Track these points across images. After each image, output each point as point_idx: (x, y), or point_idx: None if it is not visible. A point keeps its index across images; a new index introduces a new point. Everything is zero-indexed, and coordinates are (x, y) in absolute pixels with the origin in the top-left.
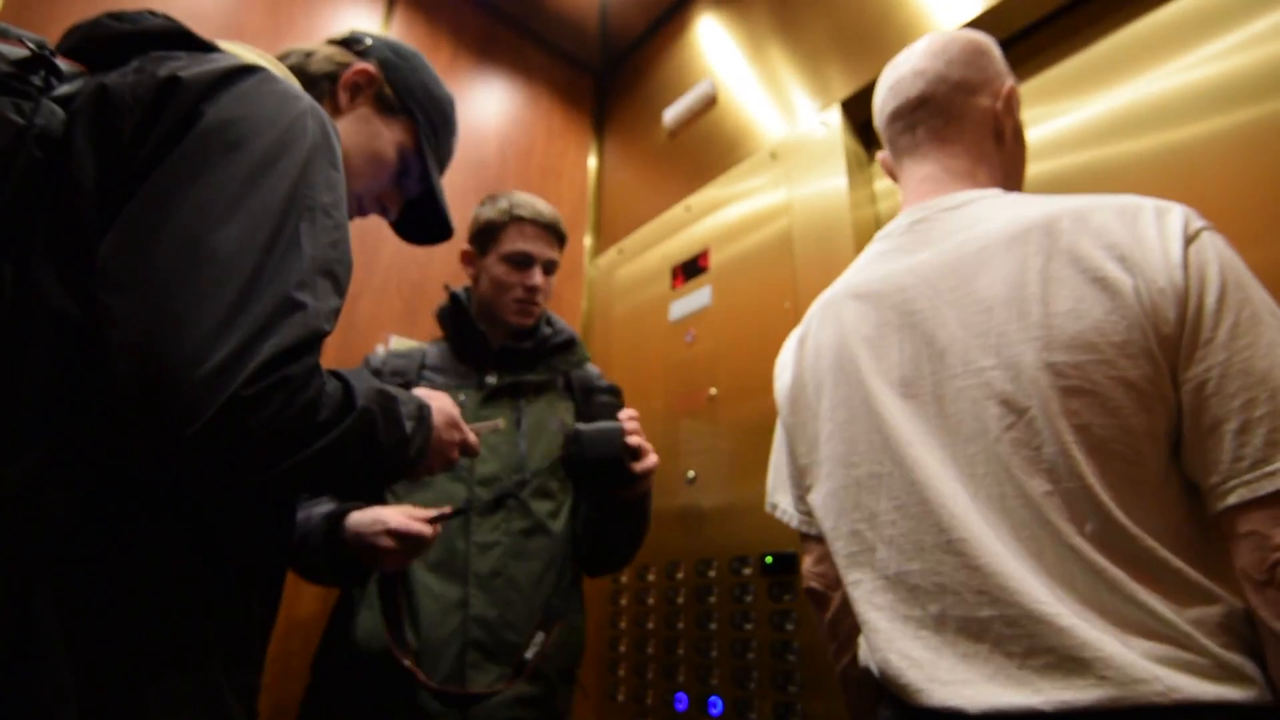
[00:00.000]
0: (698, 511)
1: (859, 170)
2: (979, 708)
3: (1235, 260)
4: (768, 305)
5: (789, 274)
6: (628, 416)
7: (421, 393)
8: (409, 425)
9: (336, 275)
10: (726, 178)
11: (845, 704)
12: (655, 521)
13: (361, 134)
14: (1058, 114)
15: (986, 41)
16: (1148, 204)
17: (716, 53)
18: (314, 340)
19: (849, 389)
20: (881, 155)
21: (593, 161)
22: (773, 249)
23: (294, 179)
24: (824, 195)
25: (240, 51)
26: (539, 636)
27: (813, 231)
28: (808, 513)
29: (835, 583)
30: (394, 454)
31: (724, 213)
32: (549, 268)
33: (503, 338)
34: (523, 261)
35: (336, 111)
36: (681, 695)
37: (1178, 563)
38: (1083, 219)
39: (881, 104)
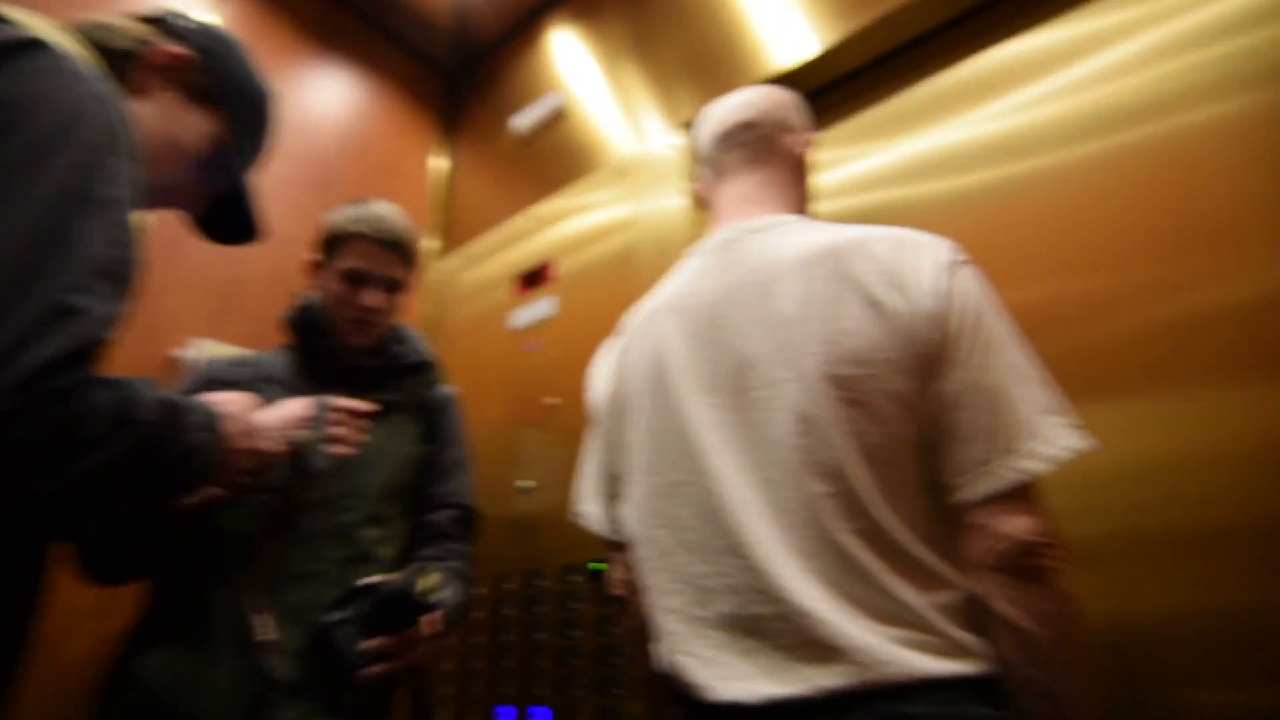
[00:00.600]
0: (530, 521)
1: None
2: (757, 699)
3: (986, 292)
4: (609, 317)
5: (630, 287)
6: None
7: (218, 398)
8: (197, 437)
9: (119, 277)
10: (573, 189)
11: (647, 707)
12: (485, 534)
13: (160, 121)
14: (867, 154)
15: (796, 99)
16: (919, 238)
17: (571, 64)
18: (87, 350)
19: (661, 399)
20: (695, 185)
21: (443, 162)
22: (615, 262)
23: (72, 169)
24: (666, 213)
25: (26, 21)
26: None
27: (654, 247)
28: (616, 521)
29: (637, 589)
30: (175, 469)
31: (569, 223)
32: (393, 286)
33: (351, 354)
34: (358, 279)
35: (136, 94)
36: (504, 709)
37: (924, 554)
38: (864, 247)
39: (708, 130)
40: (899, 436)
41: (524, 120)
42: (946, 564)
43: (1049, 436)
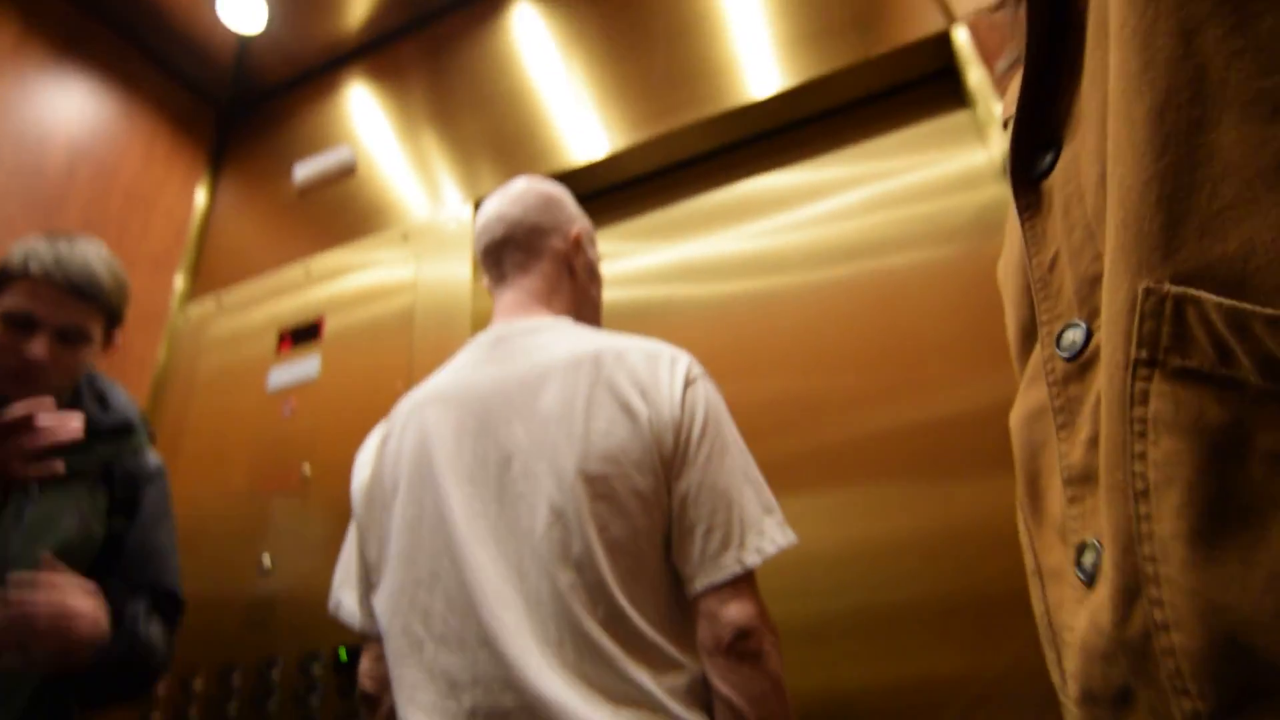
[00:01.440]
0: (268, 603)
1: None
2: None
3: (718, 402)
4: (380, 383)
5: (406, 353)
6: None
7: None
8: None
9: None
10: (355, 246)
11: None
12: (214, 618)
13: None
14: (641, 254)
15: (559, 192)
16: (666, 351)
17: (364, 121)
18: None
19: (422, 489)
20: (485, 282)
21: (202, 198)
22: (393, 324)
23: None
24: (450, 281)
25: None
26: None
27: (435, 312)
28: (371, 613)
29: (388, 684)
30: None
31: (346, 280)
32: (69, 336)
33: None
34: (23, 323)
35: None
36: None
37: (660, 640)
38: (620, 357)
39: (477, 240)
40: (641, 530)
41: (308, 170)
42: (680, 649)
43: (766, 533)
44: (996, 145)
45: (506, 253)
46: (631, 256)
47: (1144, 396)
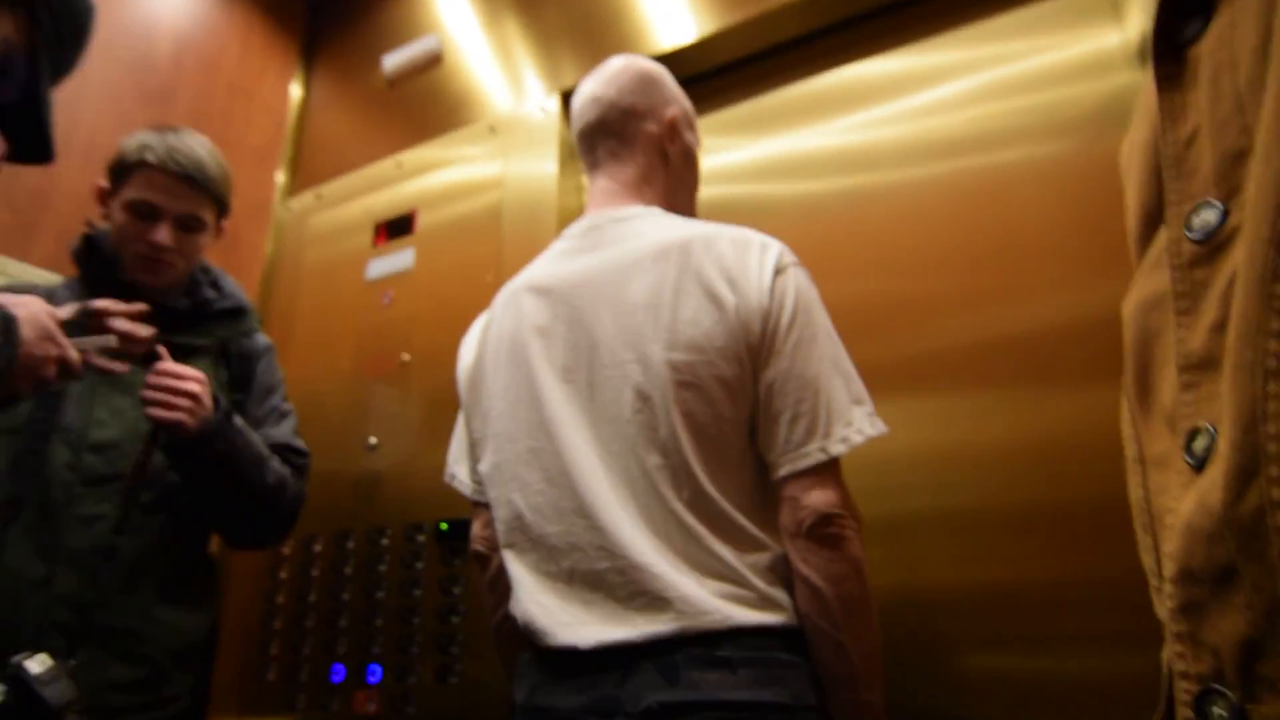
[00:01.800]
0: (376, 479)
1: (571, 160)
2: (589, 643)
3: (810, 291)
4: (471, 276)
5: (495, 248)
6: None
7: (8, 300)
8: None
9: None
10: (443, 141)
11: (497, 653)
12: (328, 490)
13: None
14: (729, 149)
15: (657, 71)
16: (756, 239)
17: (450, 10)
18: None
19: (519, 373)
20: (582, 167)
21: (297, 91)
22: (481, 221)
23: None
24: (536, 178)
25: None
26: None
27: (522, 210)
28: (480, 482)
29: (496, 546)
30: None
31: (436, 175)
32: (188, 224)
33: (154, 294)
34: (146, 213)
35: None
36: (339, 666)
37: (743, 521)
38: (709, 245)
39: (573, 123)
40: (726, 417)
41: (396, 60)
42: (762, 530)
43: (853, 423)
44: (1133, 24)
45: (600, 138)
46: (719, 152)
47: None
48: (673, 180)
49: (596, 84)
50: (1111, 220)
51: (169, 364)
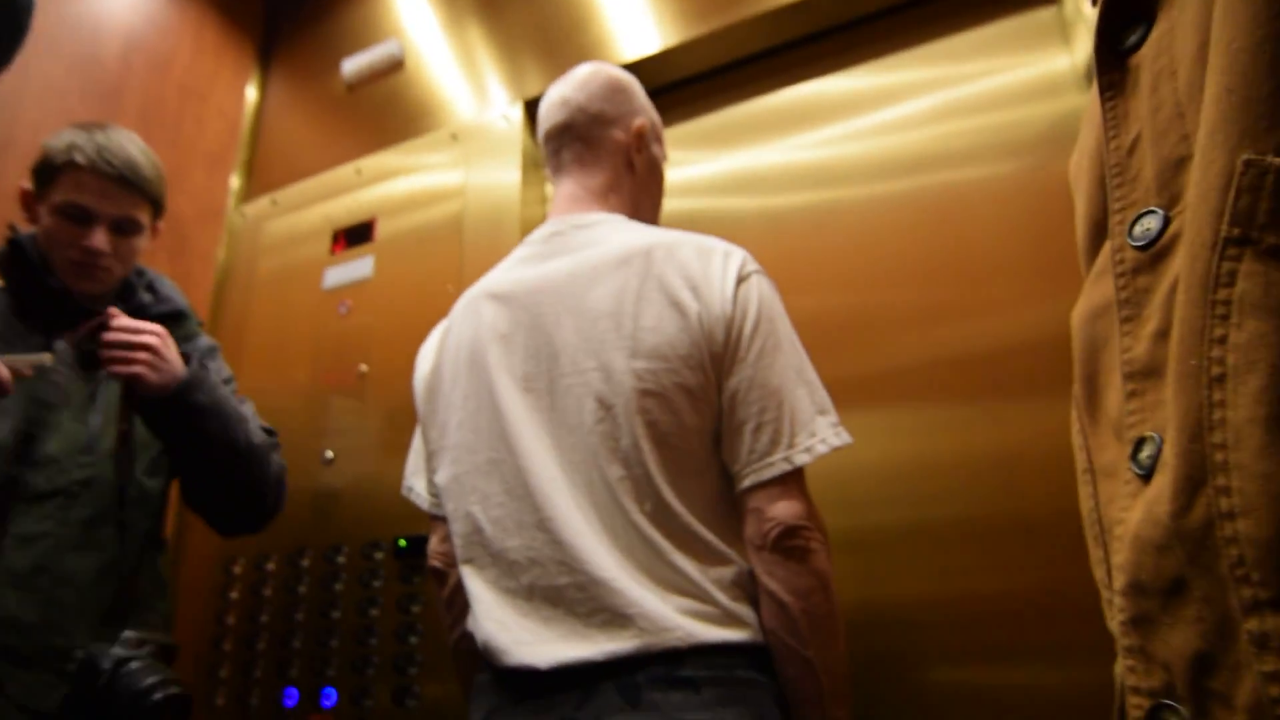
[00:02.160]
0: (332, 494)
1: (534, 169)
2: (547, 663)
3: (773, 299)
4: (431, 286)
5: (456, 258)
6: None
7: None
8: None
9: None
10: (404, 148)
11: (456, 673)
12: (284, 506)
13: None
14: (690, 163)
15: (627, 80)
16: (719, 246)
17: (411, 14)
18: None
19: (478, 382)
20: (546, 171)
21: (253, 94)
22: (443, 230)
23: None
24: (499, 187)
25: None
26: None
27: (484, 220)
28: (437, 495)
29: (454, 561)
30: None
31: (397, 183)
32: (124, 227)
33: (86, 300)
34: (78, 217)
35: None
36: (291, 690)
37: (707, 534)
38: (672, 252)
39: (539, 125)
40: (689, 426)
41: (356, 64)
42: (726, 543)
43: (817, 433)
44: (1081, 48)
45: (566, 142)
46: (682, 165)
47: (1230, 277)
48: (638, 190)
49: (566, 87)
50: (1062, 237)
51: (123, 319)
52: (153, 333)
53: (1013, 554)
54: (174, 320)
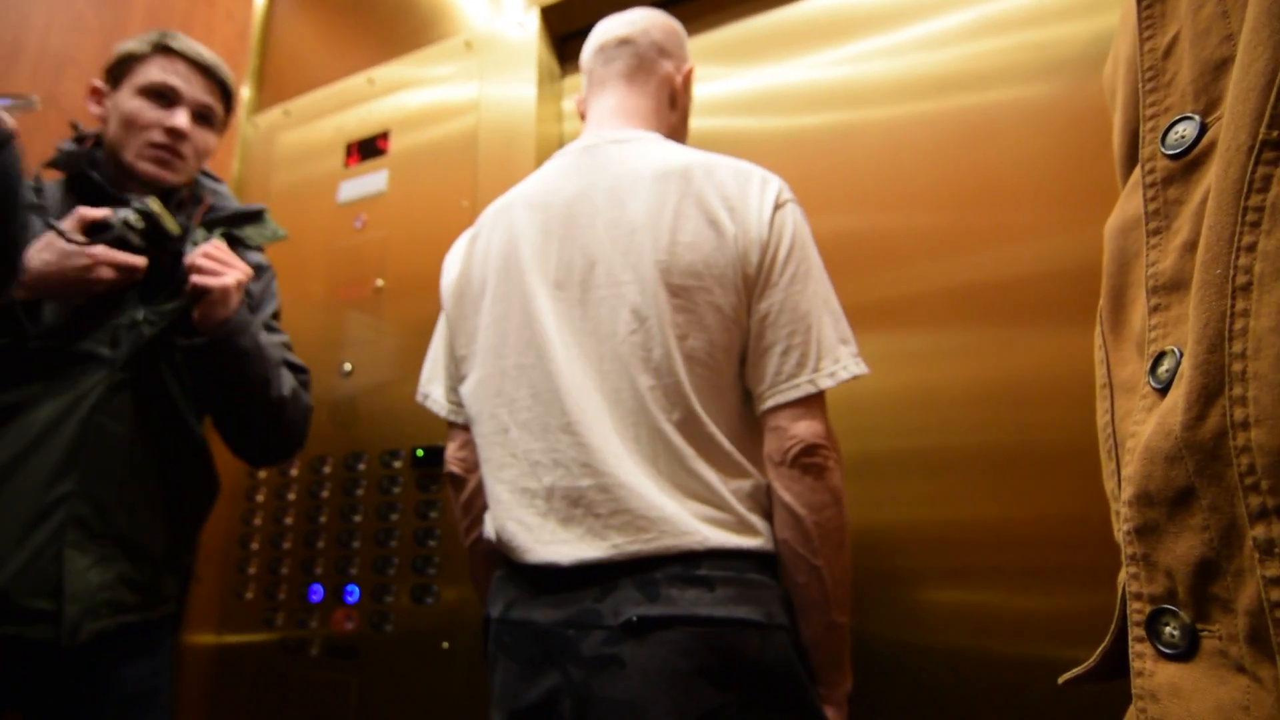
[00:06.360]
0: (351, 405)
1: (549, 83)
2: (569, 560)
3: (806, 228)
4: (445, 200)
5: (470, 173)
6: (201, 253)
7: None
8: None
9: None
10: (418, 57)
11: (470, 574)
12: None
13: None
14: (709, 79)
15: (681, 29)
16: (757, 171)
17: None
18: None
19: (509, 287)
20: (578, 98)
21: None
22: (457, 144)
23: None
24: (514, 102)
25: None
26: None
27: (499, 135)
28: (458, 403)
29: (473, 466)
30: None
31: (410, 95)
32: (204, 116)
33: (160, 190)
34: (164, 95)
35: None
36: (316, 586)
37: (729, 446)
38: (709, 172)
39: (590, 43)
40: (719, 344)
41: None
42: (746, 457)
43: (840, 360)
44: None
45: (622, 54)
46: (701, 82)
47: (1265, 182)
48: (676, 129)
49: (631, 14)
50: (1096, 165)
51: (225, 250)
52: (242, 270)
53: (1018, 482)
54: (257, 219)
